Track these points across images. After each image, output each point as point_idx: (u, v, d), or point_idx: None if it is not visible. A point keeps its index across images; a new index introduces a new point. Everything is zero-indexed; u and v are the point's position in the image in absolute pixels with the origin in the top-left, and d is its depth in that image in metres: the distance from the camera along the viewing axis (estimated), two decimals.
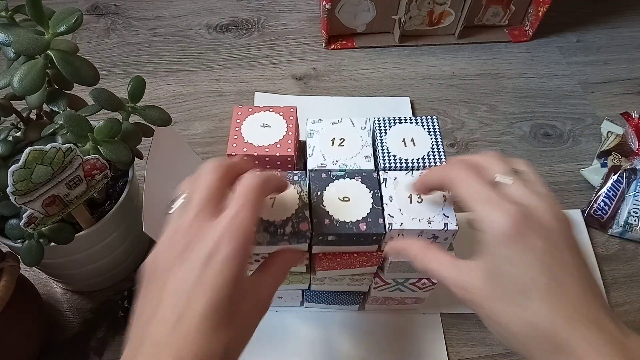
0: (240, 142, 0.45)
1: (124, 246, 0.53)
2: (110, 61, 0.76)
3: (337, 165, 0.46)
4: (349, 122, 0.48)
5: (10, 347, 0.46)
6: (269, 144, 0.45)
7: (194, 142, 0.68)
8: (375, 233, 0.42)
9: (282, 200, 0.43)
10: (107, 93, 0.44)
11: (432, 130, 0.48)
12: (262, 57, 0.78)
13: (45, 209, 0.41)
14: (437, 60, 0.79)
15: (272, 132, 0.46)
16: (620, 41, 0.82)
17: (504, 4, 0.78)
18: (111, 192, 0.51)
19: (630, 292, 0.58)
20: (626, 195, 0.61)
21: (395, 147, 0.47)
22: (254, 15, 0.83)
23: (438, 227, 0.43)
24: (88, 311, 0.55)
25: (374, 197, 0.44)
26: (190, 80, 0.75)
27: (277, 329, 0.54)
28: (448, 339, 0.55)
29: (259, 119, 0.47)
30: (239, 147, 0.45)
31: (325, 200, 0.44)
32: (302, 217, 0.42)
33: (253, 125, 0.47)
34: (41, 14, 0.39)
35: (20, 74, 0.39)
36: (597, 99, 0.75)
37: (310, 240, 0.43)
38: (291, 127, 0.47)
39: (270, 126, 0.47)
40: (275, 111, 0.48)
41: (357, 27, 0.79)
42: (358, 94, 0.74)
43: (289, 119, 0.47)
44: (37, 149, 0.38)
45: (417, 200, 0.44)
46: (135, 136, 0.46)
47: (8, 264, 0.45)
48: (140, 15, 0.82)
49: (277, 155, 0.45)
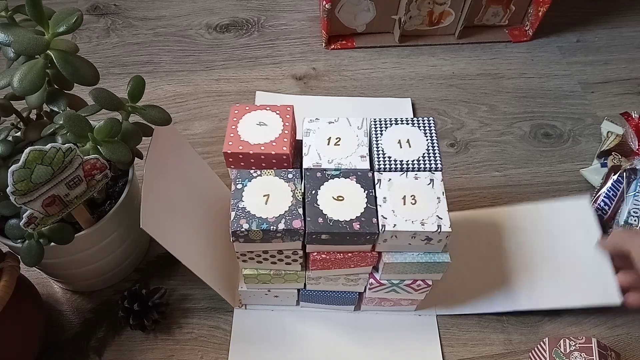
0: (236, 141, 0.45)
1: (124, 246, 0.53)
2: (110, 61, 0.76)
3: (332, 164, 0.46)
4: (345, 121, 0.48)
5: (10, 347, 0.46)
6: (265, 142, 0.45)
7: (194, 142, 0.68)
8: (369, 232, 0.42)
9: (276, 198, 0.44)
10: (107, 93, 0.44)
11: (428, 131, 0.48)
12: (262, 57, 0.78)
13: (45, 209, 0.41)
14: (437, 60, 0.79)
15: (268, 131, 0.46)
16: (620, 41, 0.82)
17: (504, 4, 0.78)
18: (111, 192, 0.51)
19: None
20: (626, 195, 0.61)
21: (390, 148, 0.47)
22: (254, 15, 0.83)
23: (431, 229, 0.43)
24: (88, 311, 0.55)
25: (369, 196, 0.44)
26: (190, 80, 0.75)
27: (274, 328, 0.54)
28: (447, 339, 0.55)
29: (256, 117, 0.47)
30: (234, 145, 0.45)
31: (320, 199, 0.44)
32: (295, 215, 0.43)
33: (250, 124, 0.47)
34: (41, 14, 0.39)
35: (20, 74, 0.39)
36: (597, 99, 0.75)
37: (303, 238, 0.43)
38: (287, 125, 0.47)
39: (266, 124, 0.47)
40: (272, 110, 0.48)
41: (357, 27, 0.79)
42: (358, 94, 0.74)
43: (286, 117, 0.47)
44: (37, 149, 0.38)
45: (410, 201, 0.44)
46: (135, 136, 0.46)
47: (8, 264, 0.45)
48: (140, 15, 0.82)
49: (272, 154, 0.45)
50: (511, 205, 0.60)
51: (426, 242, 0.44)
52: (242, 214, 0.43)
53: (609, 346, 0.49)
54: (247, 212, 0.43)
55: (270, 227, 0.42)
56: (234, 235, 0.42)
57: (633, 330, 0.56)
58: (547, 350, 0.49)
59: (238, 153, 0.45)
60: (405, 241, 0.44)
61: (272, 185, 0.44)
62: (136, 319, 0.52)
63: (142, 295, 0.53)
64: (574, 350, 0.48)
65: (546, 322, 0.56)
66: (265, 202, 0.43)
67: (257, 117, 0.47)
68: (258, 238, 0.43)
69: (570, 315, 0.57)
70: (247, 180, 0.45)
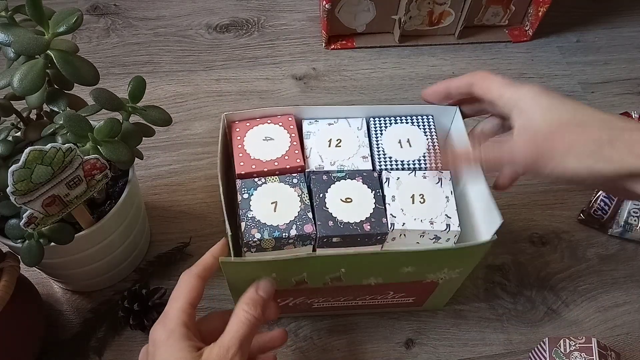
0: (248, 160, 0.45)
1: (124, 246, 0.53)
2: (110, 61, 0.76)
3: (334, 166, 0.46)
4: (345, 122, 0.48)
5: (10, 347, 0.47)
6: (277, 157, 0.45)
7: (194, 142, 0.68)
8: (380, 233, 0.42)
9: (284, 204, 0.43)
10: (107, 93, 0.44)
11: (428, 130, 0.48)
12: (262, 57, 0.78)
13: (45, 209, 0.41)
14: (437, 60, 0.79)
15: (276, 145, 0.46)
16: (620, 41, 0.82)
17: (504, 4, 0.78)
18: (111, 192, 0.51)
19: (630, 292, 0.58)
20: None
21: (390, 148, 0.47)
22: (254, 15, 0.83)
23: (440, 228, 0.43)
24: (88, 311, 0.55)
25: (376, 197, 0.44)
26: (190, 80, 0.75)
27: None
28: (447, 339, 0.55)
29: (260, 132, 0.47)
30: (247, 164, 0.45)
31: (328, 201, 0.44)
32: (305, 220, 0.42)
33: (255, 140, 0.46)
34: (41, 14, 0.39)
35: (20, 74, 0.39)
36: (597, 99, 0.75)
37: (314, 242, 0.43)
38: (294, 136, 0.46)
39: (273, 139, 0.46)
40: (273, 122, 0.47)
41: (357, 27, 0.79)
42: (358, 94, 0.74)
43: (290, 128, 0.47)
44: (37, 149, 0.38)
45: (419, 200, 0.44)
46: (135, 136, 0.46)
47: (8, 264, 0.45)
48: (140, 15, 0.82)
49: (287, 168, 0.45)
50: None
51: (434, 240, 0.44)
52: (252, 223, 0.42)
53: (609, 346, 0.49)
54: (257, 221, 0.42)
55: (282, 234, 0.42)
56: (246, 246, 0.42)
57: (633, 330, 0.56)
58: (547, 350, 0.49)
59: (252, 172, 0.45)
60: (413, 240, 0.44)
61: (278, 192, 0.44)
62: (136, 319, 0.52)
63: (142, 295, 0.53)
64: (574, 350, 0.48)
65: (546, 322, 0.56)
66: (274, 209, 0.43)
67: (262, 133, 0.47)
68: (270, 246, 0.42)
69: (570, 315, 0.57)
70: (252, 189, 0.44)
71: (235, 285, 0.43)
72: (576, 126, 0.36)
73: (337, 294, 0.49)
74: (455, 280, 0.48)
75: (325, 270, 0.43)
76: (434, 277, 0.46)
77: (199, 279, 0.40)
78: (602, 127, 0.35)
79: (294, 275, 0.43)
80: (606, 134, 0.34)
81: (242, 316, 0.37)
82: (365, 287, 0.47)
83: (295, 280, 0.44)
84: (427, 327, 0.55)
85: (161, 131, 0.58)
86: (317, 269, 0.43)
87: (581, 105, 0.38)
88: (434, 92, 0.46)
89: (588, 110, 0.37)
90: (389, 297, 0.50)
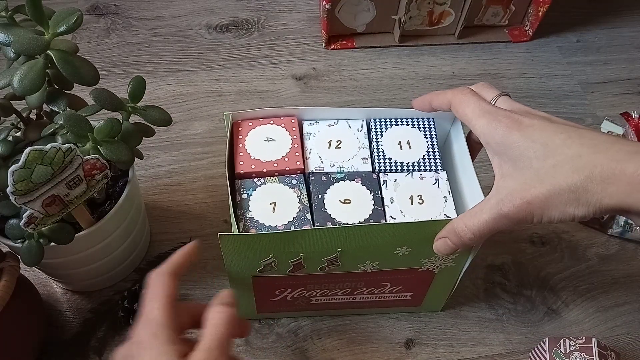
0: (248, 159, 0.45)
1: (124, 246, 0.53)
2: (110, 61, 0.76)
3: (334, 167, 0.46)
4: (345, 124, 0.48)
5: (10, 347, 0.47)
6: (277, 159, 0.45)
7: (194, 142, 0.68)
8: None
9: (282, 204, 0.43)
10: (107, 93, 0.44)
11: (429, 132, 0.48)
12: (262, 57, 0.78)
13: (45, 209, 0.41)
14: (437, 60, 0.79)
15: (277, 146, 0.46)
16: (620, 41, 0.82)
17: (504, 4, 0.78)
18: (111, 192, 0.51)
19: (630, 292, 0.58)
20: None
21: (390, 150, 0.47)
22: (254, 15, 0.83)
23: None
24: (88, 311, 0.55)
25: (375, 198, 0.44)
26: (190, 80, 0.75)
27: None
28: (447, 339, 0.55)
29: (262, 132, 0.47)
30: (246, 164, 0.45)
31: (327, 203, 0.44)
32: (304, 220, 0.42)
33: (257, 140, 0.46)
34: (41, 14, 0.39)
35: (20, 74, 0.39)
36: (597, 99, 0.75)
37: None
38: (296, 138, 0.46)
39: (274, 140, 0.46)
40: (276, 123, 0.47)
41: (357, 27, 0.79)
42: (358, 93, 0.74)
43: (292, 130, 0.47)
44: (37, 149, 0.38)
45: (418, 201, 0.44)
46: (135, 136, 0.46)
47: (8, 264, 0.45)
48: (140, 15, 0.82)
49: (287, 170, 0.45)
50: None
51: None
52: (250, 224, 0.42)
53: (609, 346, 0.49)
54: (255, 221, 0.42)
55: None
56: None
57: (633, 330, 0.56)
58: (547, 350, 0.49)
59: (251, 172, 0.45)
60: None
61: (277, 192, 0.44)
62: (136, 319, 0.52)
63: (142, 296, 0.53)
64: (574, 350, 0.48)
65: (546, 322, 0.56)
66: (273, 209, 0.43)
67: (264, 133, 0.47)
68: None
69: (570, 315, 0.57)
70: (251, 190, 0.44)
71: (232, 266, 0.43)
72: (550, 177, 0.35)
73: (334, 283, 0.48)
74: (451, 272, 0.47)
75: (322, 248, 0.42)
76: (429, 265, 0.46)
77: (172, 276, 0.40)
78: (574, 168, 0.34)
79: (290, 257, 0.43)
80: (578, 176, 0.34)
81: (216, 317, 0.37)
82: (362, 274, 0.46)
83: (292, 263, 0.43)
84: (427, 327, 0.55)
85: (161, 131, 0.58)
86: (314, 247, 0.42)
87: (550, 136, 0.37)
88: (421, 102, 0.45)
89: (557, 145, 0.36)
90: (387, 290, 0.50)
